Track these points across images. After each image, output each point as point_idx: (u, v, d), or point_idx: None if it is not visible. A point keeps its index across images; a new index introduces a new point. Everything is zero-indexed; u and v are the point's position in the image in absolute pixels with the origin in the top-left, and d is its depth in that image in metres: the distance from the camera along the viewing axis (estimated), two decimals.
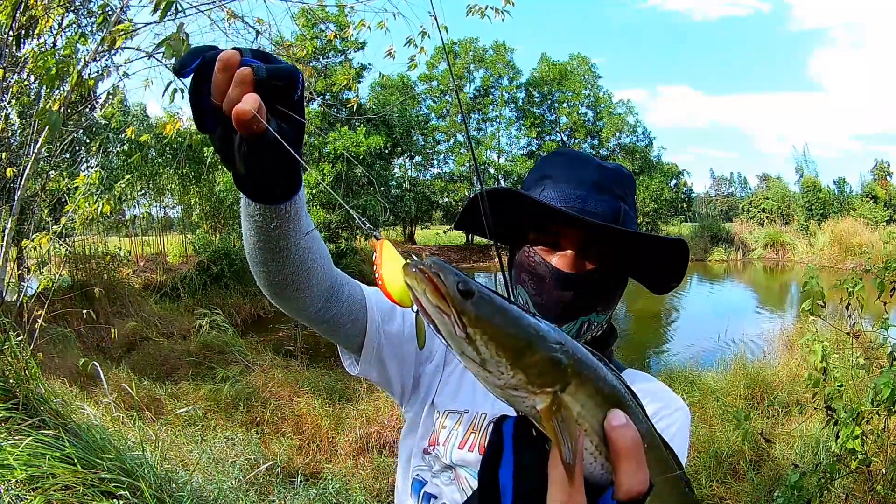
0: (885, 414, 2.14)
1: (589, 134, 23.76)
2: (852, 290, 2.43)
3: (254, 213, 0.62)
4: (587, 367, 0.39)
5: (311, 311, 0.76)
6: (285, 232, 0.65)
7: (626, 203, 0.82)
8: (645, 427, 0.41)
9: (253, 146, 0.53)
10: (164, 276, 10.86)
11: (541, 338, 0.38)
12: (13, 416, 2.33)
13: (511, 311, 0.38)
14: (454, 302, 0.37)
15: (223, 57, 0.50)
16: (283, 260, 0.68)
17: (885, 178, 25.24)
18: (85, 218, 3.52)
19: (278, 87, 0.51)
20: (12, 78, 3.37)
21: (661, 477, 0.41)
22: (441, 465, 0.85)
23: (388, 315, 0.86)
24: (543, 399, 0.37)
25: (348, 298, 0.81)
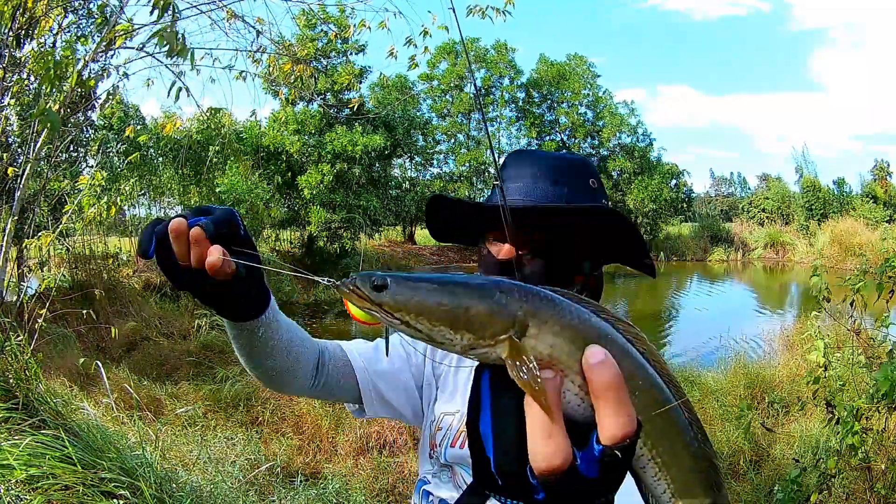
0: (885, 411, 2.14)
1: (588, 134, 23.76)
2: (856, 288, 2.43)
3: (243, 330, 0.74)
4: (544, 306, 0.38)
5: (307, 387, 0.88)
6: (270, 334, 0.76)
7: (572, 187, 0.86)
8: (634, 363, 0.39)
9: (229, 285, 0.63)
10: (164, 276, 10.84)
11: (469, 293, 0.38)
12: (13, 416, 2.33)
13: (431, 283, 0.40)
14: (372, 299, 0.40)
15: (172, 227, 0.59)
16: (276, 355, 0.79)
17: (885, 178, 25.25)
18: (90, 219, 3.53)
19: (225, 232, 0.61)
20: (12, 78, 3.37)
21: (654, 415, 0.38)
22: (439, 465, 0.89)
23: (373, 357, 0.94)
24: (503, 349, 0.37)
25: (331, 361, 0.91)
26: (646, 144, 23.58)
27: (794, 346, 6.02)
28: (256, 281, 0.67)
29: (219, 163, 11.90)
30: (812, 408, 4.08)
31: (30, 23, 3.14)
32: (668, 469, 0.40)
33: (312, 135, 15.53)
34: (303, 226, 15.63)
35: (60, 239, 4.05)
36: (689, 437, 0.41)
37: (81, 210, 3.49)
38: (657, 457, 0.39)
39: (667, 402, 0.40)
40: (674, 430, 0.40)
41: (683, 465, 0.40)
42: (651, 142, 23.79)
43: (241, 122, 14.39)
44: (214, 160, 11.23)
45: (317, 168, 15.09)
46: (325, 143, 15.22)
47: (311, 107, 16.19)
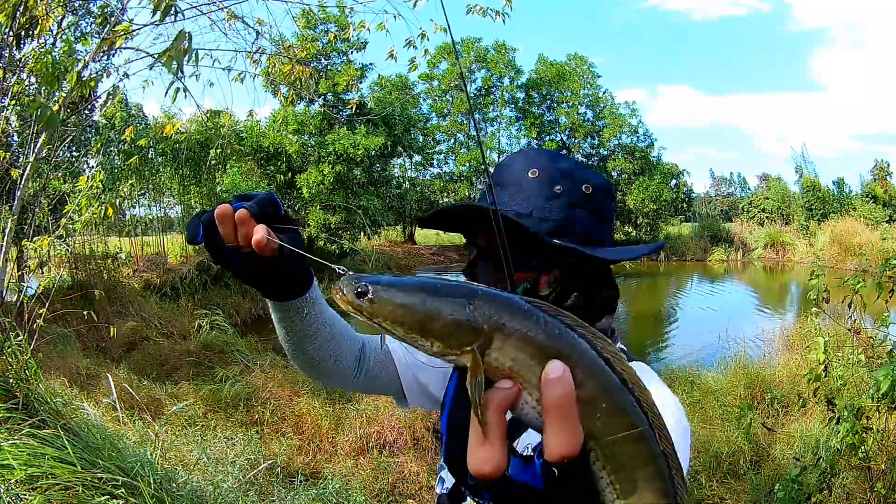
0: (886, 410, 2.14)
1: (588, 134, 23.77)
2: (856, 288, 2.43)
3: (288, 310, 0.76)
4: (513, 319, 0.38)
5: (350, 377, 0.90)
6: (315, 314, 0.79)
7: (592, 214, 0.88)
8: (603, 384, 0.38)
9: (274, 261, 0.66)
10: (164, 276, 10.86)
11: (442, 304, 0.40)
12: (13, 416, 2.33)
13: (408, 291, 0.41)
14: (353, 304, 0.43)
15: (219, 212, 0.63)
16: (320, 339, 0.81)
17: (885, 178, 25.25)
18: (87, 220, 3.53)
19: (269, 212, 0.65)
20: (12, 78, 3.37)
21: (613, 438, 0.37)
22: None
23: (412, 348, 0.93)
24: (466, 358, 0.39)
25: (372, 351, 0.93)
26: (646, 145, 23.60)
27: (794, 345, 6.02)
28: (300, 259, 0.69)
29: (219, 163, 11.90)
30: (812, 407, 4.08)
31: (30, 23, 3.14)
32: (627, 498, 0.38)
33: (312, 135, 15.53)
34: (303, 226, 15.63)
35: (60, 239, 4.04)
36: (656, 468, 0.38)
37: (81, 210, 3.49)
38: (616, 483, 0.38)
39: (635, 427, 0.38)
40: (638, 459, 0.38)
41: (644, 498, 0.38)
42: (652, 142, 23.82)
43: (241, 122, 14.40)
44: (214, 161, 11.22)
45: (317, 168, 15.09)
46: (325, 143, 15.22)
47: (312, 107, 16.19)
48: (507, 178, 0.88)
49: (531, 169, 0.86)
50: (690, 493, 0.39)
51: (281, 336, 0.81)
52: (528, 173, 0.86)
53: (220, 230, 0.63)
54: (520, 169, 0.87)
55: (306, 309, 0.77)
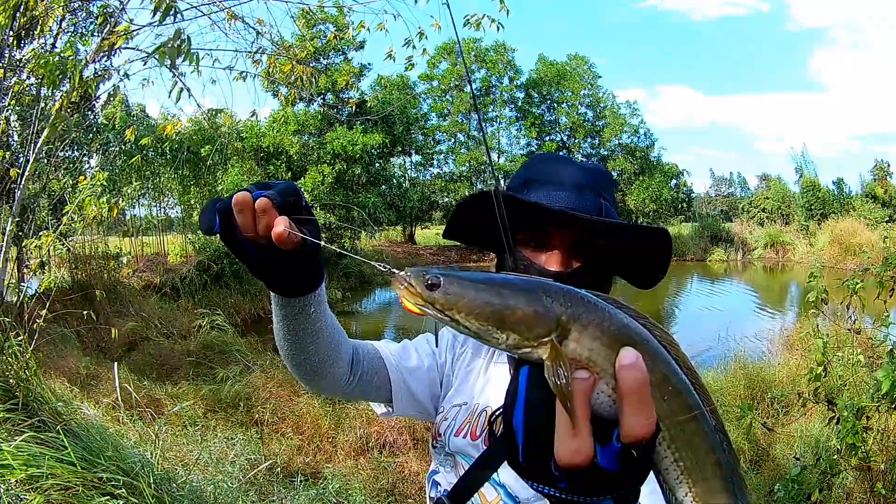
0: (887, 409, 2.14)
1: (589, 134, 23.77)
2: (854, 289, 2.43)
3: (294, 307, 0.73)
4: (587, 310, 0.40)
5: (343, 381, 0.88)
6: (320, 313, 0.76)
7: (607, 200, 0.86)
8: (666, 368, 0.41)
9: (294, 254, 0.63)
10: (164, 276, 10.86)
11: (518, 296, 0.40)
12: (13, 416, 2.33)
13: (480, 284, 0.42)
14: (424, 296, 0.42)
15: (237, 200, 0.59)
16: (320, 340, 0.78)
17: (885, 178, 25.24)
18: (90, 219, 3.53)
19: (290, 202, 0.61)
20: (12, 79, 3.38)
21: (677, 419, 0.40)
22: (444, 454, 0.92)
23: (403, 354, 0.97)
24: (544, 350, 0.39)
25: (366, 357, 0.91)
26: (647, 145, 23.60)
27: (794, 345, 6.02)
28: (315, 254, 0.67)
29: (218, 162, 11.89)
30: (812, 407, 4.08)
31: (30, 23, 3.14)
32: (691, 474, 0.41)
33: (312, 135, 15.53)
34: None
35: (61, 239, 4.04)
36: (713, 443, 0.42)
37: (82, 210, 3.49)
38: (680, 460, 0.41)
39: (695, 407, 0.41)
40: (699, 437, 0.41)
41: (706, 471, 0.42)
42: (653, 142, 23.82)
43: (241, 121, 14.40)
44: (215, 160, 11.22)
45: (317, 168, 15.09)
46: (325, 143, 15.21)
47: (312, 107, 16.19)
48: (538, 178, 0.87)
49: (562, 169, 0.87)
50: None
51: (280, 335, 0.78)
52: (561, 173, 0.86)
53: (238, 219, 0.59)
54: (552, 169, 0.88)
55: (312, 307, 0.74)
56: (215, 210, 0.60)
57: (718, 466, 0.42)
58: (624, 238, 0.83)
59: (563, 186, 0.84)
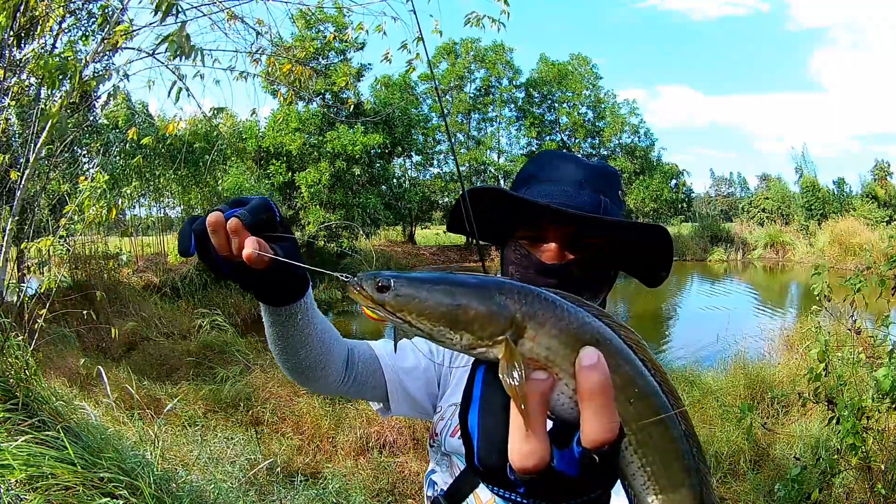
0: (888, 407, 2.14)
1: (589, 134, 23.76)
2: (856, 287, 2.43)
3: (281, 315, 0.74)
4: (544, 308, 0.38)
5: (338, 381, 0.88)
6: (308, 320, 0.76)
7: (608, 197, 0.86)
8: (631, 370, 0.39)
9: (268, 271, 0.63)
10: (164, 276, 10.86)
11: (468, 295, 0.39)
12: (13, 416, 2.33)
13: (432, 284, 0.41)
14: (375, 299, 0.42)
15: (210, 221, 0.59)
16: (311, 346, 0.79)
17: (885, 178, 25.25)
18: (90, 220, 3.53)
19: (263, 219, 0.62)
20: (12, 79, 3.38)
21: (643, 423, 0.38)
22: (441, 454, 0.93)
23: (400, 355, 0.97)
24: (499, 349, 0.38)
25: (361, 358, 0.92)
26: (647, 145, 23.60)
27: (794, 345, 6.01)
28: (294, 267, 0.66)
29: (218, 162, 11.88)
30: (812, 407, 4.08)
31: (30, 23, 3.14)
32: (658, 480, 0.40)
33: (312, 134, 15.53)
34: (303, 226, 15.63)
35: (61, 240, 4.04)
36: (682, 449, 0.40)
37: (82, 211, 3.49)
38: (647, 465, 0.39)
39: (663, 410, 0.39)
40: (666, 442, 0.40)
41: (674, 478, 0.40)
42: (653, 142, 23.81)
43: (241, 121, 14.40)
44: (215, 159, 11.21)
45: (316, 167, 15.08)
46: (325, 142, 15.21)
47: (312, 107, 16.19)
48: (540, 174, 0.88)
49: (565, 166, 0.88)
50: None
51: (271, 340, 0.79)
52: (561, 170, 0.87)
53: (213, 240, 0.60)
54: (554, 165, 0.89)
55: (300, 315, 0.75)
56: (191, 231, 0.61)
57: (687, 473, 0.40)
58: (621, 235, 0.83)
59: (561, 183, 0.85)
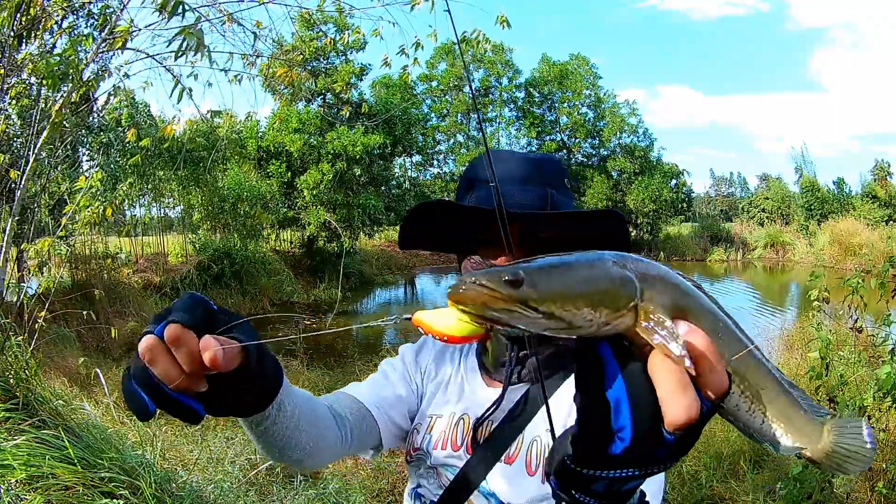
0: (890, 405, 2.14)
1: (589, 134, 23.77)
2: (856, 288, 2.43)
3: (262, 421, 0.64)
4: (647, 269, 0.41)
5: (340, 445, 0.81)
6: (294, 409, 0.68)
7: (555, 188, 0.83)
8: (717, 317, 0.43)
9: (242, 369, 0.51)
10: (164, 276, 10.86)
11: (599, 271, 0.39)
12: (13, 416, 2.33)
13: (563, 269, 0.39)
14: (512, 297, 0.37)
15: (143, 351, 0.46)
16: (301, 431, 0.70)
17: (885, 178, 25.25)
18: (87, 220, 3.53)
19: (201, 316, 0.49)
20: (12, 79, 3.38)
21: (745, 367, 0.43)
22: (426, 467, 0.89)
23: (374, 391, 0.92)
24: (630, 317, 0.38)
25: (346, 410, 0.85)
26: (647, 144, 23.60)
27: (794, 345, 6.01)
28: (264, 351, 0.56)
29: (217, 162, 11.88)
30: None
31: (31, 23, 3.14)
32: (760, 402, 0.44)
33: (313, 134, 15.53)
34: (303, 226, 15.65)
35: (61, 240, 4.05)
36: (769, 368, 0.45)
37: (81, 211, 3.49)
38: (747, 391, 0.43)
39: (746, 344, 0.44)
40: (756, 367, 0.44)
41: (771, 395, 0.44)
42: (652, 142, 23.81)
43: (240, 121, 14.40)
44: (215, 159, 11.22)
45: (317, 168, 15.09)
46: (325, 142, 15.22)
47: (312, 106, 16.20)
48: (481, 177, 0.85)
49: (504, 164, 0.85)
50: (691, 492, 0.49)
51: (265, 448, 0.69)
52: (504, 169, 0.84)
53: (157, 372, 0.46)
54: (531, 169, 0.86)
55: (290, 406, 0.66)
56: (135, 387, 0.47)
57: (779, 385, 0.45)
58: (573, 225, 0.80)
59: (504, 182, 0.81)
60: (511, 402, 0.83)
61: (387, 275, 16.92)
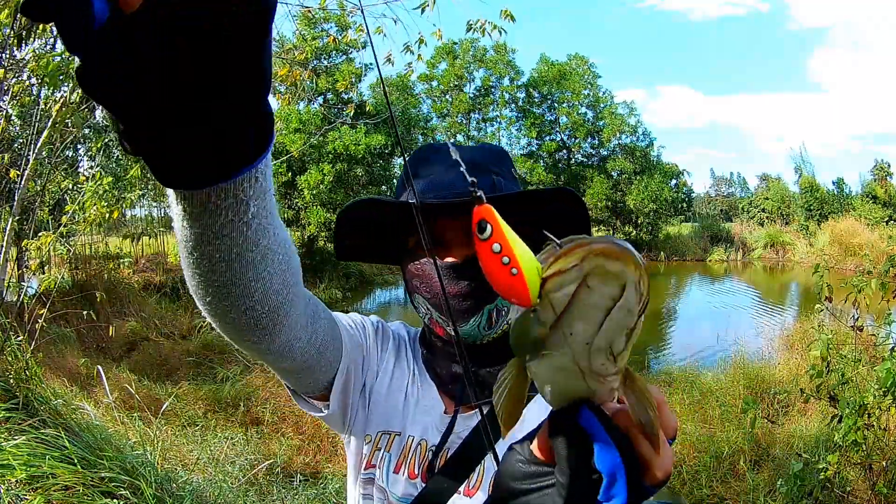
0: (890, 402, 2.14)
1: (589, 134, 23.77)
2: (859, 288, 2.43)
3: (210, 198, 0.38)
4: None
5: (300, 339, 0.61)
6: (267, 203, 0.43)
7: (501, 175, 0.76)
8: None
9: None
10: (164, 276, 10.86)
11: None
12: (13, 416, 2.33)
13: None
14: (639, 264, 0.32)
15: None
16: (260, 271, 0.46)
17: (885, 178, 25.25)
18: (91, 220, 3.53)
19: None
20: (13, 79, 3.38)
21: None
22: (378, 488, 0.80)
23: (357, 332, 0.80)
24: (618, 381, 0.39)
25: (323, 313, 0.69)
26: (646, 144, 23.60)
27: (794, 345, 6.02)
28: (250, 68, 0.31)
29: None
30: (811, 408, 4.08)
31: (31, 23, 3.14)
32: None
33: (313, 134, 15.54)
34: (304, 226, 15.65)
35: (61, 239, 4.05)
36: None
37: (84, 210, 3.49)
38: None
39: None
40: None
41: None
42: (651, 141, 23.81)
43: None
44: None
45: (317, 168, 15.09)
46: (326, 142, 15.22)
47: (313, 106, 16.19)
48: (419, 172, 0.78)
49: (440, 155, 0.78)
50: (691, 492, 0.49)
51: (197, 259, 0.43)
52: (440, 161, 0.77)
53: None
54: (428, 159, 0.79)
55: (258, 195, 0.41)
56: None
57: None
58: (522, 209, 0.69)
59: (447, 172, 0.74)
60: (467, 427, 0.76)
61: (387, 275, 16.91)
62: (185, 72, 0.28)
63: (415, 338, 0.89)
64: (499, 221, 0.36)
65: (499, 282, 0.35)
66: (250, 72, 0.31)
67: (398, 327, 0.91)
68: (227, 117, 0.32)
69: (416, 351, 0.87)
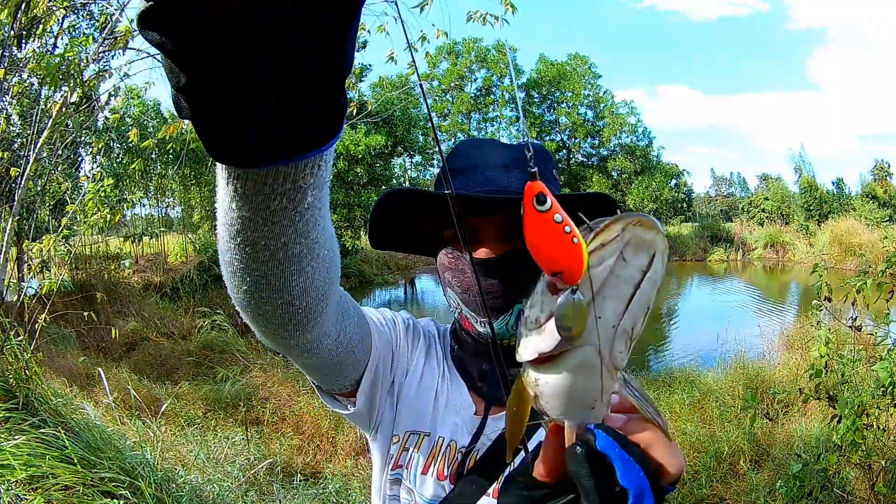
0: (889, 402, 2.14)
1: (589, 134, 23.78)
2: (858, 288, 2.43)
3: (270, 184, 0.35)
4: None
5: (331, 337, 0.60)
6: (323, 197, 0.40)
7: (543, 176, 0.74)
8: None
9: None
10: (165, 276, 10.86)
11: None
12: (13, 416, 2.33)
13: None
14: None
15: None
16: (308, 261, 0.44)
17: (885, 178, 25.26)
18: (93, 224, 3.54)
19: None
20: (13, 79, 3.38)
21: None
22: (406, 489, 0.80)
23: (388, 329, 0.80)
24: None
25: (354, 309, 0.68)
26: (646, 144, 23.62)
27: (794, 345, 6.02)
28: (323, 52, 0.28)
29: None
30: (811, 408, 4.08)
31: (31, 23, 3.15)
32: None
33: None
34: None
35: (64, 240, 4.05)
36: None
37: (85, 212, 3.49)
38: None
39: None
40: None
41: None
42: (651, 141, 23.83)
43: None
44: None
45: None
46: None
47: None
48: (460, 164, 0.79)
49: (482, 151, 0.79)
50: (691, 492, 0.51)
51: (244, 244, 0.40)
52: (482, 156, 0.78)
53: None
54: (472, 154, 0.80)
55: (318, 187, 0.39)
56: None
57: None
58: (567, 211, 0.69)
59: (486, 168, 0.74)
60: (497, 429, 0.76)
61: (387, 275, 16.91)
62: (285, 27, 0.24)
63: (444, 334, 0.89)
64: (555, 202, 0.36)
65: (560, 250, 0.35)
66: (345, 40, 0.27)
67: (427, 324, 0.91)
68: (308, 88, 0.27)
69: (445, 347, 0.87)
